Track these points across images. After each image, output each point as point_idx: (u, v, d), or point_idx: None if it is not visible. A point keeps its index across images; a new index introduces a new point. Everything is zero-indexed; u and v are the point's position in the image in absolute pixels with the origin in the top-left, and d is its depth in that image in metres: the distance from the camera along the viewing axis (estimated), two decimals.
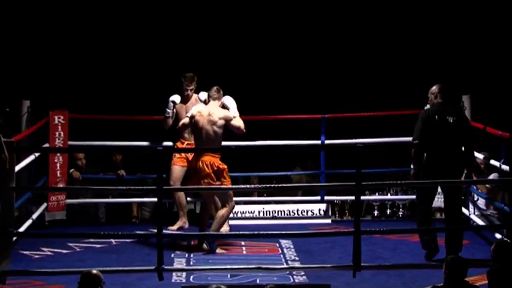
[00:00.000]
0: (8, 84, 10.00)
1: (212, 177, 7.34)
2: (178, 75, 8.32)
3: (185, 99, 8.21)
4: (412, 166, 7.21)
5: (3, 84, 9.97)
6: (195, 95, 8.21)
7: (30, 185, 8.03)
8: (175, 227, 8.17)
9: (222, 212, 7.42)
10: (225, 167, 7.40)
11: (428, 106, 7.38)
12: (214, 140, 7.45)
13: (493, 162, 7.87)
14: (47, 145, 8.11)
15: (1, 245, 6.30)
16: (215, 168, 7.35)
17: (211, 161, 7.35)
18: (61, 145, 8.10)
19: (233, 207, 7.60)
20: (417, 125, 7.19)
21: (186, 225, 8.20)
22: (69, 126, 8.23)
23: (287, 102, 10.44)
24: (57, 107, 8.34)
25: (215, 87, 7.61)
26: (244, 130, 7.55)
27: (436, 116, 7.15)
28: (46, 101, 8.62)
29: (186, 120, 7.67)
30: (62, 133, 8.15)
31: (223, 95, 7.66)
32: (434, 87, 7.31)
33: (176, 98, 8.19)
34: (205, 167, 7.33)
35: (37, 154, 7.86)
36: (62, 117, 8.18)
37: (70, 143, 8.23)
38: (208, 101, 7.66)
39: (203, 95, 7.99)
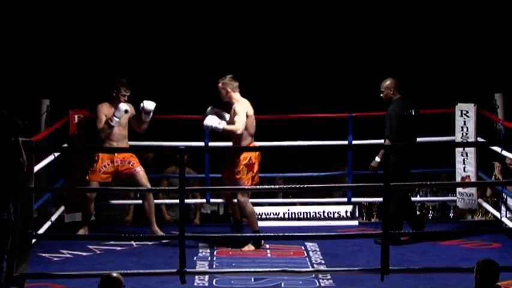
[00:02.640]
0: (27, 83, 9.98)
1: None
2: (197, 74, 8.20)
3: (115, 104, 7.89)
4: (377, 159, 7.55)
5: (22, 83, 9.94)
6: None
7: (50, 185, 7.94)
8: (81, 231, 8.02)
9: None
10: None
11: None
12: None
13: None
14: (66, 145, 8.01)
15: (20, 247, 6.17)
16: None
17: None
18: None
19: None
20: (391, 122, 7.49)
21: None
22: (90, 126, 8.12)
23: (312, 101, 10.31)
24: (77, 106, 8.26)
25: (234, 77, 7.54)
26: None
27: (405, 112, 7.53)
28: (66, 100, 8.54)
29: (245, 118, 7.41)
30: (82, 132, 8.05)
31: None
32: (388, 82, 7.63)
33: (128, 108, 7.90)
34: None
35: (56, 154, 7.79)
36: (82, 116, 8.09)
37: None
38: (234, 92, 7.49)
39: (150, 105, 7.80)
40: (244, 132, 7.44)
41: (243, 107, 7.42)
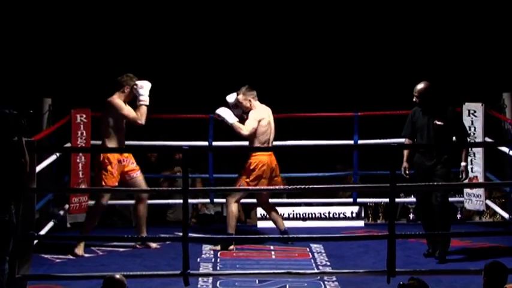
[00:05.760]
0: (29, 82, 9.94)
1: None
2: (202, 72, 8.12)
3: (126, 98, 7.46)
4: (464, 164, 7.21)
5: (24, 82, 9.90)
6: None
7: (52, 185, 7.85)
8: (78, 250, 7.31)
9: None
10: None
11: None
12: None
13: None
14: (68, 144, 7.94)
15: (22, 249, 6.10)
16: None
17: None
18: (83, 145, 7.94)
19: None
20: (464, 124, 7.38)
21: None
22: (92, 125, 8.04)
23: (318, 100, 10.26)
24: (80, 105, 8.17)
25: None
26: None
27: None
28: (68, 99, 8.48)
29: (255, 124, 7.48)
30: (84, 132, 7.98)
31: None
32: (429, 85, 7.19)
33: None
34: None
35: (58, 154, 7.73)
36: (84, 116, 8.01)
37: (92, 142, 8.05)
38: (255, 101, 7.56)
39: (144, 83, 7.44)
40: (255, 140, 7.50)
41: (256, 115, 7.51)
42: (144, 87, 7.42)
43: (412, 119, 7.23)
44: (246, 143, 7.63)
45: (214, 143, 8.21)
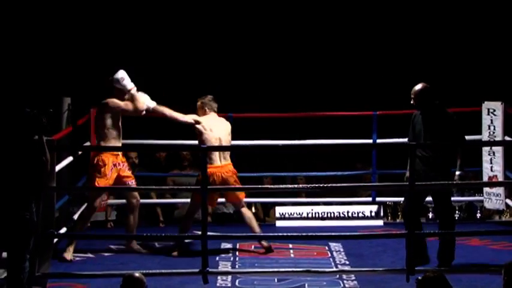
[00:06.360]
0: (49, 81, 9.97)
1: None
2: (216, 73, 8.12)
3: (121, 98, 7.41)
4: (458, 173, 6.95)
5: (44, 81, 9.94)
6: None
7: (71, 184, 7.87)
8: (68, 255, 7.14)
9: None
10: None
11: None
12: None
13: None
14: (88, 143, 7.94)
15: (42, 247, 6.14)
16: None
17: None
18: None
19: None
20: (461, 129, 6.87)
21: None
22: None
23: (336, 99, 10.24)
24: (99, 104, 8.16)
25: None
26: None
27: None
28: (87, 98, 8.49)
29: (195, 118, 7.41)
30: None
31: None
32: (426, 87, 6.83)
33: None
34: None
35: (78, 153, 7.74)
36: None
37: None
38: (212, 112, 7.46)
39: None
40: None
41: (205, 120, 7.35)
42: (125, 78, 7.33)
43: (412, 123, 6.94)
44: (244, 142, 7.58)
45: (233, 142, 8.21)
